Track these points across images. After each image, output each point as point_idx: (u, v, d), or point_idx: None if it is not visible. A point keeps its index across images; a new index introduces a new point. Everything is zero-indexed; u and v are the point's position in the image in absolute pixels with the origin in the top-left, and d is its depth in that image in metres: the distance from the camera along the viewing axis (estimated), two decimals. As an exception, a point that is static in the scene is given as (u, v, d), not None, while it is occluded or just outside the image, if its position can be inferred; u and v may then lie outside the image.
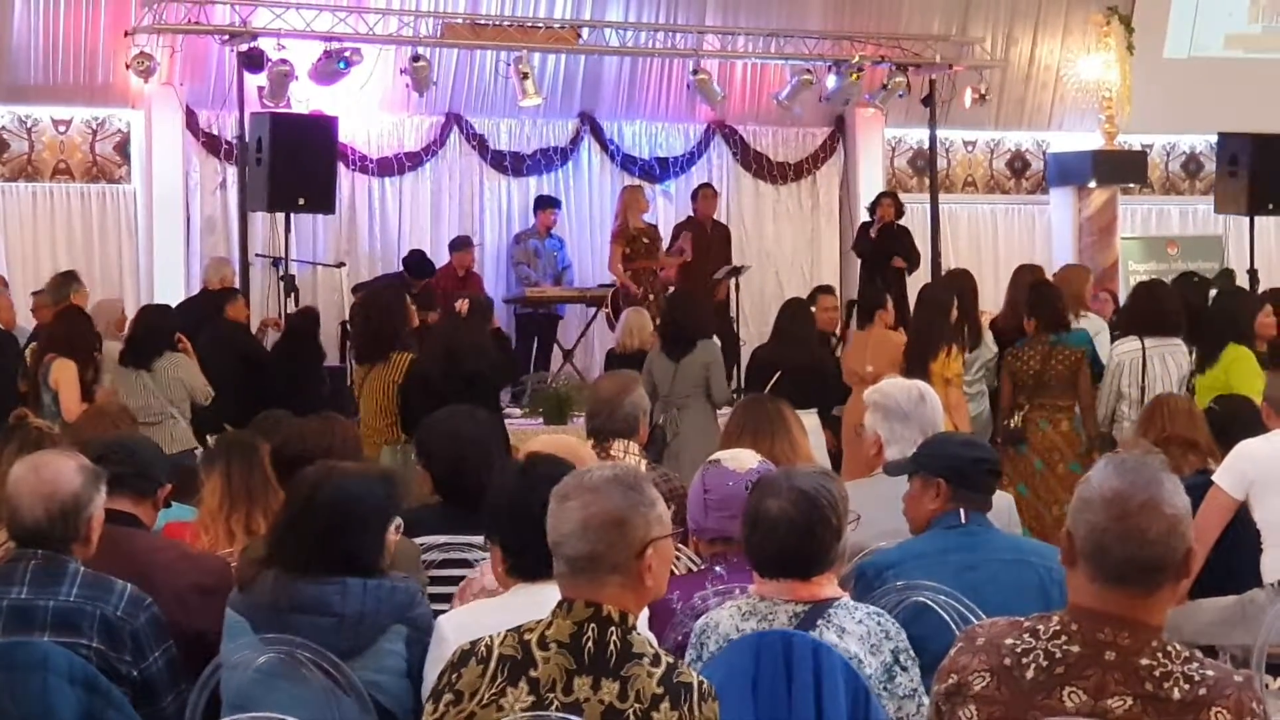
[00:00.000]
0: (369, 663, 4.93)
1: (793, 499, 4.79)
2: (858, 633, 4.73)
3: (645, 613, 4.84)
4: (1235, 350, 10.61)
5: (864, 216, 18.35)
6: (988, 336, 11.80)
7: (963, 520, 5.66)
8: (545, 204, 17.72)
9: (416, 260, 16.63)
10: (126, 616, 5.12)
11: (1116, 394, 11.02)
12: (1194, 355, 10.85)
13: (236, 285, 14.78)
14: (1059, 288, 11.88)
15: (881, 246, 17.24)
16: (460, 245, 16.99)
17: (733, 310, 17.50)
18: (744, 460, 5.59)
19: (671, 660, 3.90)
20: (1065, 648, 3.45)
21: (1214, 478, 7.43)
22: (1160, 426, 8.23)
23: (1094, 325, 11.94)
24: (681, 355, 11.67)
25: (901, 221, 17.62)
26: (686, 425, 11.42)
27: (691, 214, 17.81)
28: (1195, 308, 11.58)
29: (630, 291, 16.54)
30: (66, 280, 13.66)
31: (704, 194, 17.86)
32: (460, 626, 4.66)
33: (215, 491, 6.35)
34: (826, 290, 14.91)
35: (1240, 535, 7.38)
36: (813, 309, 13.26)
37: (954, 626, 5.04)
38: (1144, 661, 3.38)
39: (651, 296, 16.34)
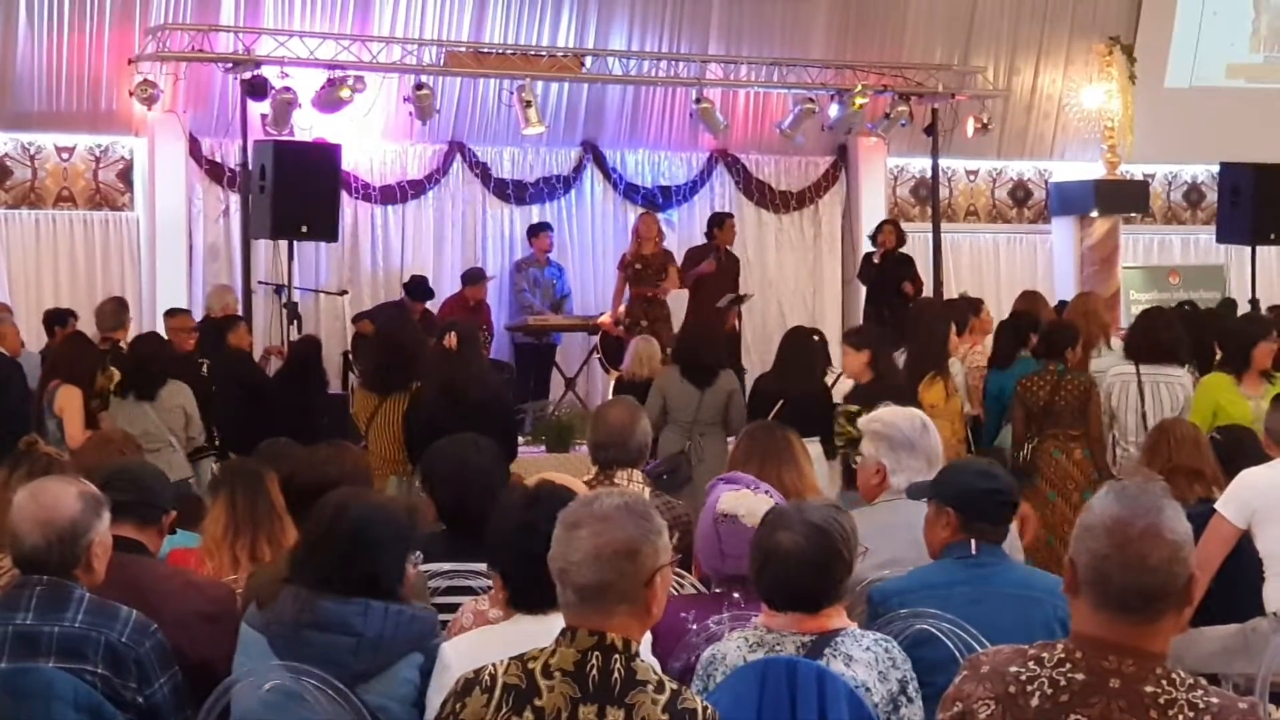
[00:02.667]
0: (382, 687, 4.93)
1: (805, 533, 4.79)
2: (865, 659, 4.74)
3: (648, 638, 4.85)
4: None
5: (866, 245, 18.40)
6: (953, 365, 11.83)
7: (973, 551, 5.61)
8: (538, 230, 17.76)
9: (417, 285, 16.65)
10: (131, 643, 5.10)
11: (1110, 415, 11.06)
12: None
13: (239, 312, 14.78)
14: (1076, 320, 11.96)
15: (887, 274, 17.26)
16: (474, 279, 16.96)
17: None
18: (758, 514, 5.56)
19: (675, 686, 3.88)
20: (1070, 675, 3.44)
21: (1216, 506, 7.44)
22: (1166, 455, 8.22)
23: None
24: (706, 384, 11.74)
25: (904, 250, 17.66)
26: (710, 454, 11.50)
27: (710, 240, 17.83)
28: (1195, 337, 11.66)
29: (612, 333, 16.67)
30: (122, 307, 13.68)
31: (729, 224, 17.84)
32: (464, 654, 4.66)
33: (220, 518, 6.37)
34: None
35: (1242, 564, 7.38)
36: None
37: (959, 656, 5.03)
38: (1149, 689, 3.38)
39: (645, 323, 16.34)
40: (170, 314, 13.95)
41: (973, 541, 5.61)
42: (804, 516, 4.85)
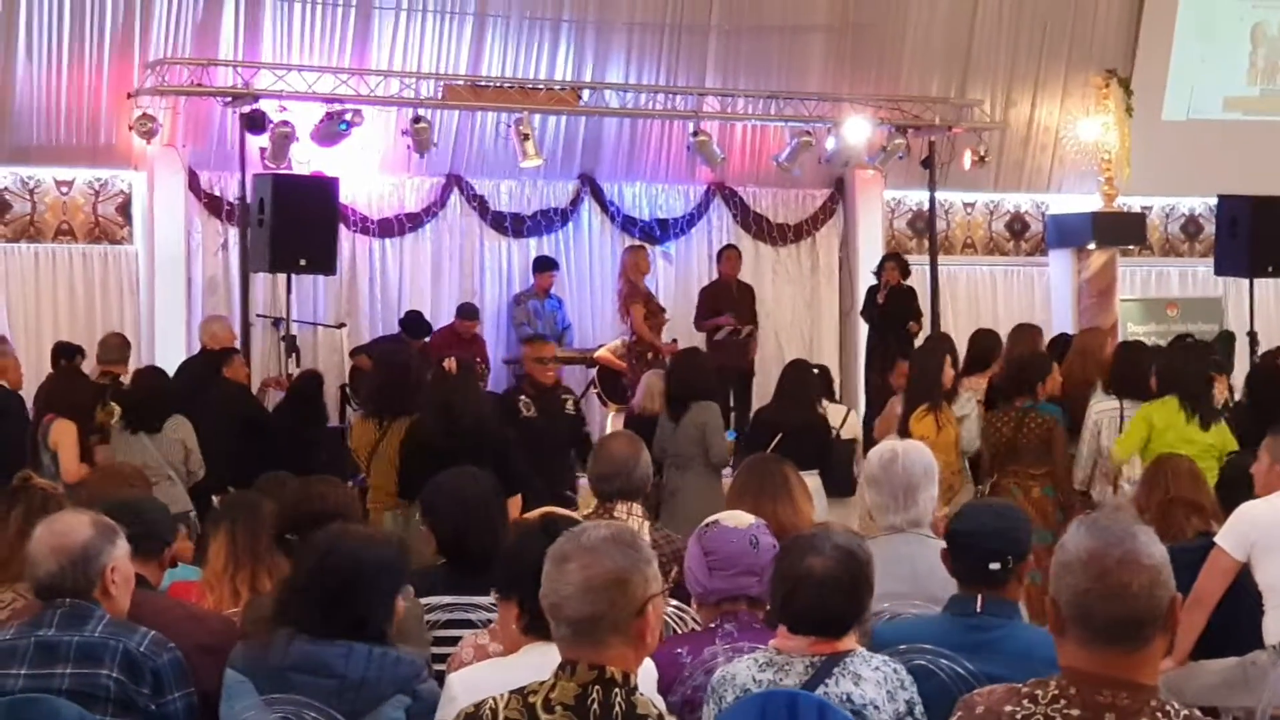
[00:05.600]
0: None
1: (838, 557, 4.83)
2: (874, 678, 4.77)
3: (654, 673, 4.86)
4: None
5: (863, 277, 18.46)
6: (961, 399, 11.81)
7: (977, 609, 5.50)
8: (544, 266, 17.79)
9: (414, 321, 16.66)
10: (149, 653, 5.25)
11: (1096, 452, 11.06)
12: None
13: (234, 343, 14.72)
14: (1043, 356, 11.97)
15: (890, 310, 17.26)
16: (468, 314, 16.95)
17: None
18: (741, 518, 5.61)
19: (674, 721, 3.89)
20: (1065, 712, 3.45)
21: (1216, 539, 7.44)
22: (1164, 488, 8.23)
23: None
24: (680, 415, 11.72)
25: (907, 282, 17.67)
26: (685, 484, 11.47)
27: (716, 276, 17.91)
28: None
29: (652, 349, 16.67)
30: (126, 344, 13.66)
31: (728, 255, 18.02)
32: (471, 684, 4.66)
33: (220, 552, 6.38)
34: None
35: (1241, 597, 7.38)
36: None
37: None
38: (1143, 721, 3.39)
39: (650, 355, 16.38)
40: (529, 341, 13.35)
41: (978, 597, 5.53)
42: (833, 541, 4.88)
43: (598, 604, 3.85)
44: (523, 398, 12.14)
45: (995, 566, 5.53)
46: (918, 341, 16.57)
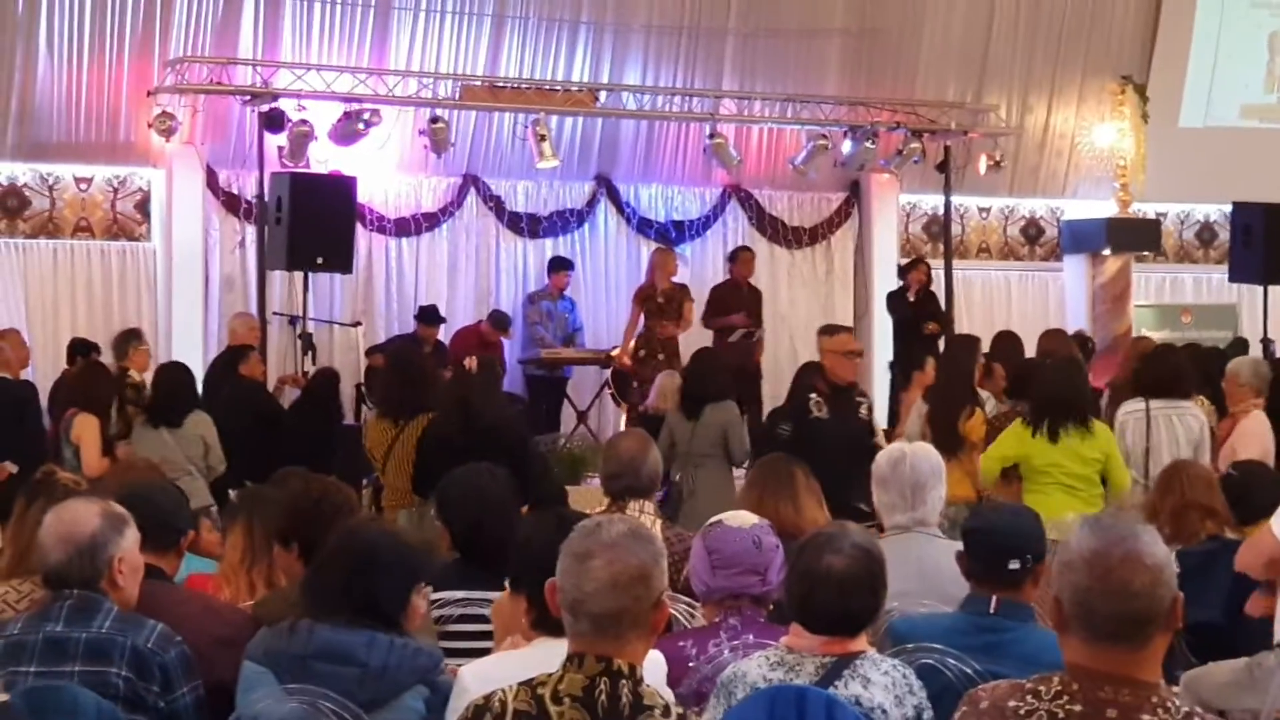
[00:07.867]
0: (388, 716, 4.98)
1: (856, 555, 4.84)
2: (883, 683, 4.78)
3: (663, 665, 4.90)
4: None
5: (878, 281, 18.49)
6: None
7: (991, 609, 5.52)
8: (559, 266, 17.82)
9: (428, 311, 16.71)
10: (157, 649, 5.26)
11: (1125, 453, 11.07)
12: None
13: (254, 340, 14.73)
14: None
15: (920, 312, 17.27)
16: (499, 323, 17.00)
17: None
18: (744, 517, 5.63)
19: (681, 711, 3.93)
20: (1068, 708, 3.49)
21: (1271, 523, 7.45)
22: (1179, 493, 8.24)
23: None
24: (695, 415, 11.75)
25: (931, 288, 17.70)
26: (702, 484, 11.50)
27: (728, 276, 17.92)
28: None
29: (628, 366, 16.71)
30: (127, 337, 13.70)
31: (743, 257, 17.94)
32: (482, 677, 4.69)
33: (237, 545, 6.42)
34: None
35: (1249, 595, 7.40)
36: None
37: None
38: (1145, 718, 3.43)
39: (661, 356, 16.38)
40: (829, 332, 12.28)
41: (994, 599, 5.54)
42: (852, 540, 4.90)
43: (622, 599, 3.88)
44: (814, 396, 11.22)
45: (1014, 565, 5.54)
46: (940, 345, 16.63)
